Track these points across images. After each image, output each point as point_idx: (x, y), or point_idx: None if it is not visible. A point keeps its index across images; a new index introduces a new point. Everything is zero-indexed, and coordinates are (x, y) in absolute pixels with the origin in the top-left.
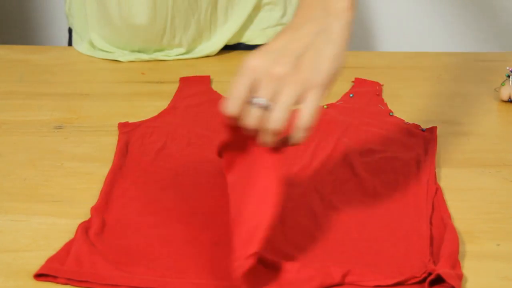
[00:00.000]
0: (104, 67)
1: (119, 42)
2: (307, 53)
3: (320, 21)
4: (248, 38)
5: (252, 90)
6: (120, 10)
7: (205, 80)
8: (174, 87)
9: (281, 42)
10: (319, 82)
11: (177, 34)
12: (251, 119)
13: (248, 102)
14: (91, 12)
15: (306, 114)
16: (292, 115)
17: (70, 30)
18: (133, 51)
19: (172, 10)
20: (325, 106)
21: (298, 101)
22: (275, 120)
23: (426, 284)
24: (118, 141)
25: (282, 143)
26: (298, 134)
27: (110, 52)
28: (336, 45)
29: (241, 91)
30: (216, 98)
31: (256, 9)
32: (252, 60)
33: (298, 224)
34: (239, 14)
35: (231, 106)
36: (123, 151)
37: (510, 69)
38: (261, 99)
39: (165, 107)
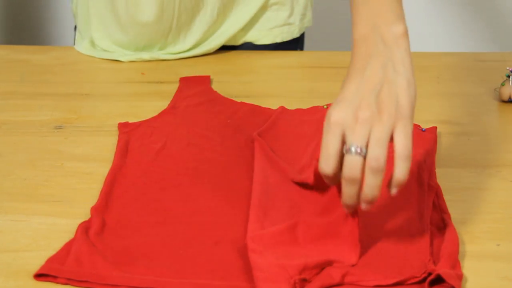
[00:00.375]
0: (104, 67)
1: (124, 40)
2: (382, 90)
3: (381, 54)
4: (255, 38)
5: (344, 142)
6: (127, 7)
7: (205, 80)
8: (174, 87)
9: (353, 87)
10: (404, 114)
11: (182, 31)
12: (351, 169)
13: (343, 153)
14: (96, 10)
15: (403, 144)
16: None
17: (76, 29)
18: (137, 49)
19: (179, 7)
20: (325, 106)
21: (390, 137)
22: (376, 157)
23: (426, 284)
24: (118, 141)
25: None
26: (401, 165)
27: (110, 51)
28: (404, 74)
29: (334, 147)
30: (216, 98)
31: (263, 8)
32: (334, 114)
33: None
34: (245, 12)
35: (327, 165)
36: (123, 151)
37: (510, 69)
38: (356, 146)
39: (165, 107)
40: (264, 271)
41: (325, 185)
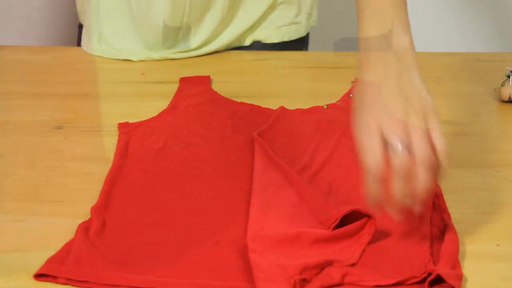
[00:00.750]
0: (104, 67)
1: (135, 36)
2: (405, 89)
3: (394, 63)
4: (263, 37)
5: (383, 140)
6: (139, 5)
7: (205, 80)
8: (174, 87)
9: (376, 92)
10: (431, 106)
11: (193, 28)
12: (400, 162)
13: (388, 150)
14: (107, 6)
15: (440, 138)
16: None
17: (80, 27)
18: (147, 46)
19: (190, 3)
20: (325, 106)
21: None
22: (422, 145)
23: (426, 284)
24: (118, 141)
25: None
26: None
27: (120, 50)
28: (418, 73)
29: (375, 142)
30: (216, 98)
31: (271, 7)
32: (367, 116)
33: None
34: (253, 11)
35: (374, 159)
36: (123, 151)
37: (510, 69)
38: (401, 141)
39: (165, 107)
40: (264, 271)
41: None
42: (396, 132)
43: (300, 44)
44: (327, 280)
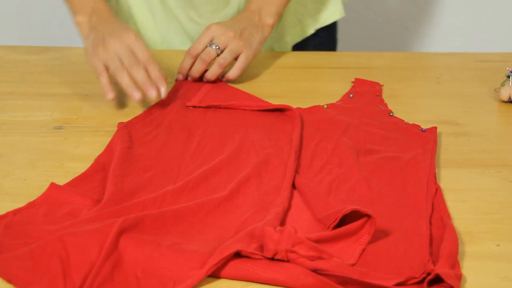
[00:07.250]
0: None
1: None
2: (244, 32)
3: (254, 24)
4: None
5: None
6: None
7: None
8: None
9: (228, 23)
10: (252, 47)
11: None
12: (207, 54)
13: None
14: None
15: (240, 62)
16: None
17: None
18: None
19: None
20: (325, 106)
21: (235, 55)
22: (224, 57)
23: (425, 284)
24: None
25: None
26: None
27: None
28: (259, 39)
29: (203, 42)
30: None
31: None
32: (213, 26)
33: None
34: None
35: (195, 47)
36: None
37: (510, 70)
38: (216, 45)
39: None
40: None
41: None
42: (219, 40)
43: None
44: (327, 265)
